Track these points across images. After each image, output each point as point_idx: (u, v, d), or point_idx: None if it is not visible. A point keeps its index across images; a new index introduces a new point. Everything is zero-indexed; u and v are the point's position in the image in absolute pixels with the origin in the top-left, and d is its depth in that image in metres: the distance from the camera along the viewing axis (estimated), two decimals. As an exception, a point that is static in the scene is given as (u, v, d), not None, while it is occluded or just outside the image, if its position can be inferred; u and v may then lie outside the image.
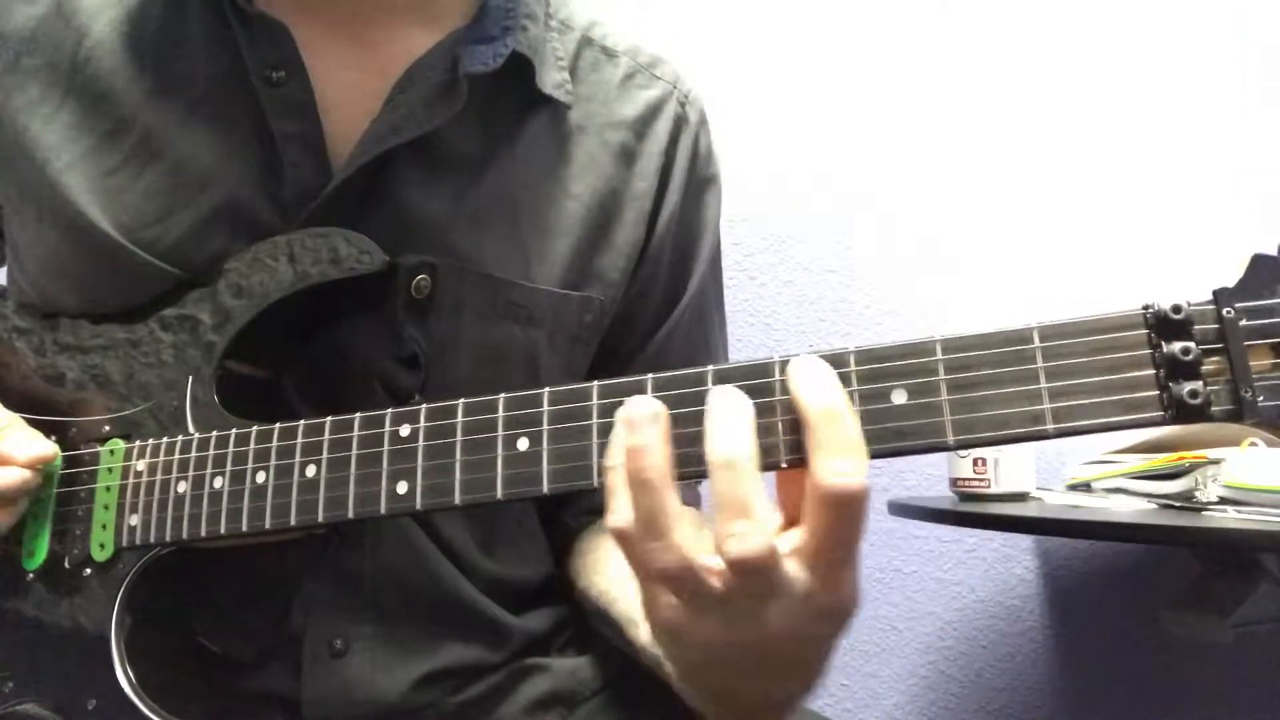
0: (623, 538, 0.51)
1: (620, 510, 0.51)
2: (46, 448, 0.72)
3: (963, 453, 1.27)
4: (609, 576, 0.79)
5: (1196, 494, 1.12)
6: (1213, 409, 0.46)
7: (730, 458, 0.49)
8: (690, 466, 0.53)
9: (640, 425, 0.51)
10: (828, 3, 1.60)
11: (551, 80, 0.83)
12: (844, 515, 0.48)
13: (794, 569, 0.49)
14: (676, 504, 0.50)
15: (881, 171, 1.59)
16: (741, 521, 0.48)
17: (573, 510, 0.90)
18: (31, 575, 0.73)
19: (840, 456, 0.48)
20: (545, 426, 0.57)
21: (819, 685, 0.57)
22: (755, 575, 0.48)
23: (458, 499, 0.59)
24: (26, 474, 0.70)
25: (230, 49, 0.76)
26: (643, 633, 0.68)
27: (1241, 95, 1.66)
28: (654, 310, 0.89)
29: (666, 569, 0.50)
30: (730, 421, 0.50)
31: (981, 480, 1.26)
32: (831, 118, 1.58)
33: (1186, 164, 1.65)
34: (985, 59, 1.63)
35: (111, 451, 0.73)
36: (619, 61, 0.89)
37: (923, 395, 0.50)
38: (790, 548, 0.49)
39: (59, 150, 0.75)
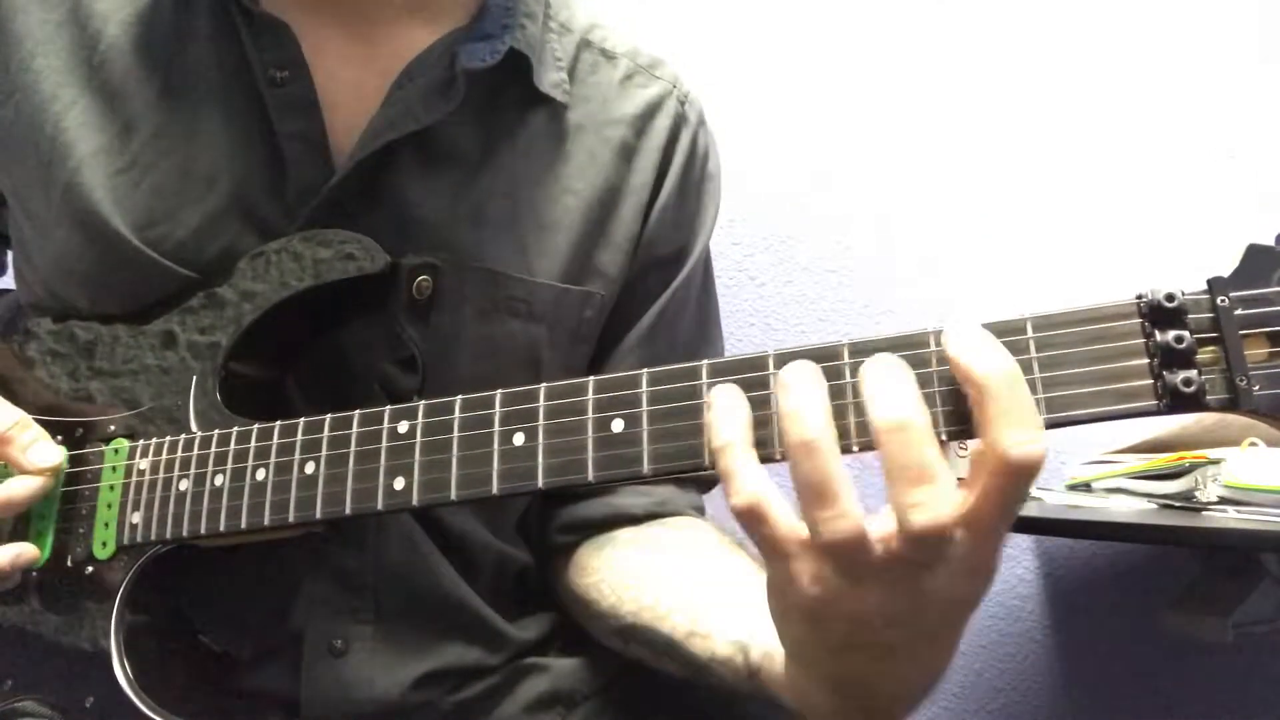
0: (752, 514, 0.48)
1: (748, 485, 0.48)
2: (57, 455, 0.73)
3: (962, 452, 1.27)
4: (649, 593, 0.76)
5: (1196, 494, 1.12)
6: (1207, 398, 0.46)
7: (902, 420, 0.46)
8: (682, 460, 0.53)
9: (801, 387, 0.48)
10: (828, 3, 1.60)
11: (549, 79, 0.83)
12: (1020, 483, 0.46)
13: (961, 536, 0.47)
14: (844, 469, 0.47)
15: (881, 172, 1.58)
16: (925, 489, 0.45)
17: (558, 524, 0.88)
18: (35, 573, 0.73)
19: (1022, 424, 0.45)
20: (541, 422, 0.58)
21: (945, 674, 0.54)
22: (934, 545, 0.46)
23: (454, 494, 0.59)
24: (41, 482, 0.71)
25: (236, 48, 0.77)
26: (715, 643, 0.67)
27: (1238, 85, 1.65)
28: (640, 303, 0.89)
29: (837, 539, 0.46)
30: (896, 384, 0.47)
31: (982, 480, 1.25)
32: (832, 118, 1.58)
33: (1186, 156, 1.64)
34: (984, 58, 1.62)
35: (116, 450, 0.73)
36: (618, 63, 0.90)
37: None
38: (961, 515, 0.47)
39: (73, 148, 0.76)
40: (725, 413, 0.50)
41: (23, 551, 0.71)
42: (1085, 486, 1.33)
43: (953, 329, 0.48)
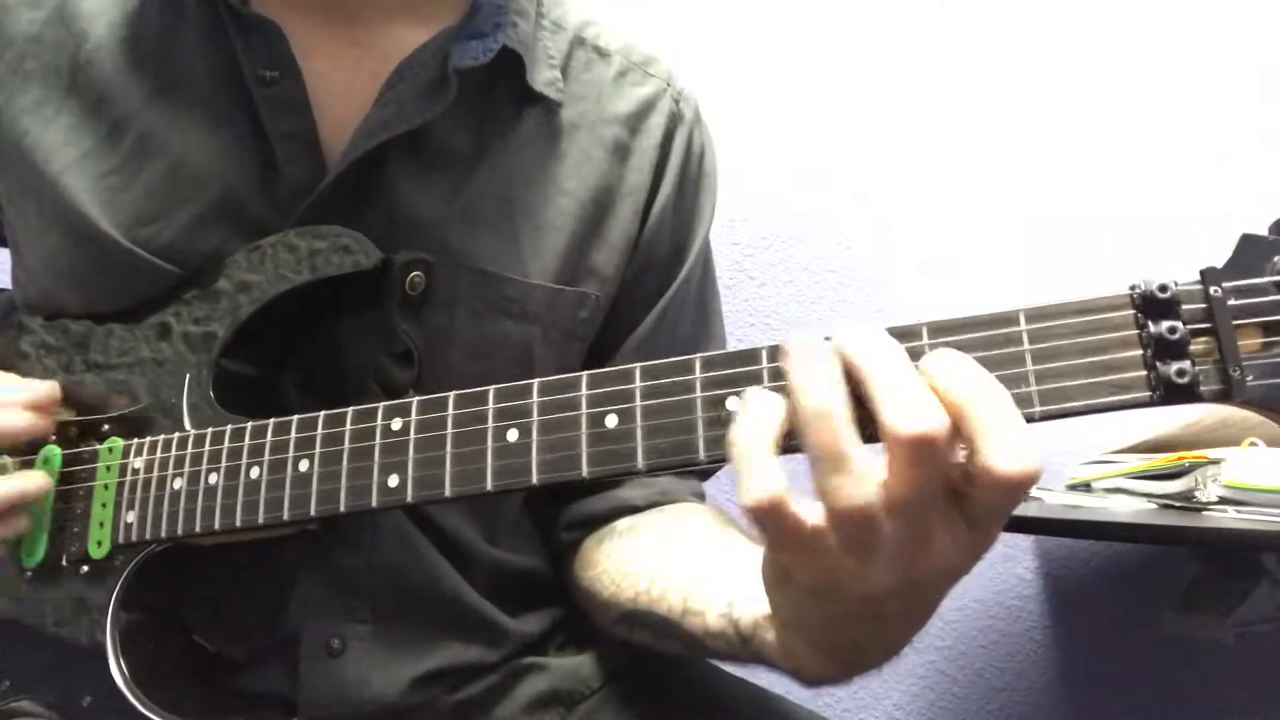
0: (762, 511, 0.46)
1: (767, 479, 0.46)
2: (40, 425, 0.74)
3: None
4: (644, 577, 0.76)
5: (1196, 494, 1.11)
6: (1201, 388, 0.46)
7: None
8: (676, 455, 0.53)
9: (807, 357, 0.47)
10: (827, 3, 1.60)
11: (542, 78, 0.83)
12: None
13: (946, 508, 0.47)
14: (855, 435, 0.46)
15: (880, 172, 1.58)
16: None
17: (563, 522, 0.88)
18: (30, 573, 0.74)
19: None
20: (535, 418, 0.57)
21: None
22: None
23: (448, 491, 0.59)
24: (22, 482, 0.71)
25: (225, 49, 0.77)
26: (707, 619, 0.66)
27: (1229, 78, 1.65)
28: (641, 304, 0.88)
29: (853, 505, 0.45)
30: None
31: (981, 480, 1.25)
32: (831, 118, 1.58)
33: (1180, 149, 1.64)
34: (984, 58, 1.63)
35: (110, 449, 0.73)
36: (611, 60, 0.89)
37: (910, 379, 0.50)
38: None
39: (59, 151, 0.76)
40: (751, 412, 0.48)
41: (29, 481, 0.71)
42: (1085, 486, 1.32)
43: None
